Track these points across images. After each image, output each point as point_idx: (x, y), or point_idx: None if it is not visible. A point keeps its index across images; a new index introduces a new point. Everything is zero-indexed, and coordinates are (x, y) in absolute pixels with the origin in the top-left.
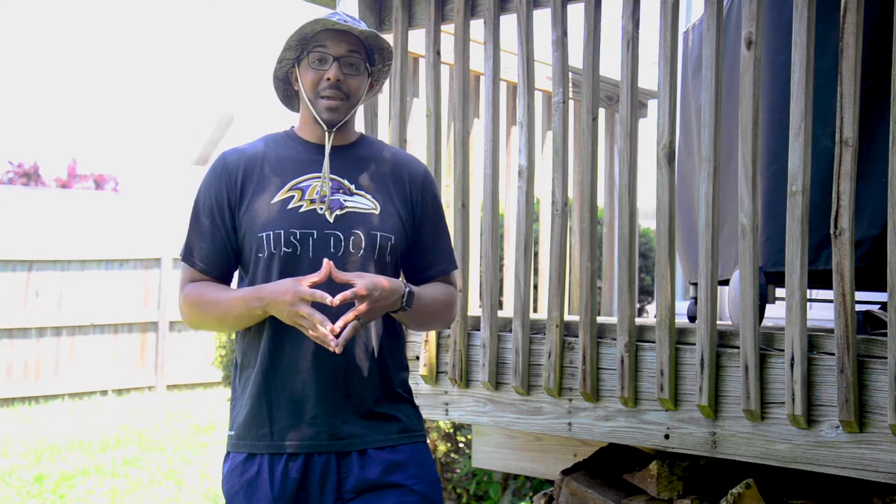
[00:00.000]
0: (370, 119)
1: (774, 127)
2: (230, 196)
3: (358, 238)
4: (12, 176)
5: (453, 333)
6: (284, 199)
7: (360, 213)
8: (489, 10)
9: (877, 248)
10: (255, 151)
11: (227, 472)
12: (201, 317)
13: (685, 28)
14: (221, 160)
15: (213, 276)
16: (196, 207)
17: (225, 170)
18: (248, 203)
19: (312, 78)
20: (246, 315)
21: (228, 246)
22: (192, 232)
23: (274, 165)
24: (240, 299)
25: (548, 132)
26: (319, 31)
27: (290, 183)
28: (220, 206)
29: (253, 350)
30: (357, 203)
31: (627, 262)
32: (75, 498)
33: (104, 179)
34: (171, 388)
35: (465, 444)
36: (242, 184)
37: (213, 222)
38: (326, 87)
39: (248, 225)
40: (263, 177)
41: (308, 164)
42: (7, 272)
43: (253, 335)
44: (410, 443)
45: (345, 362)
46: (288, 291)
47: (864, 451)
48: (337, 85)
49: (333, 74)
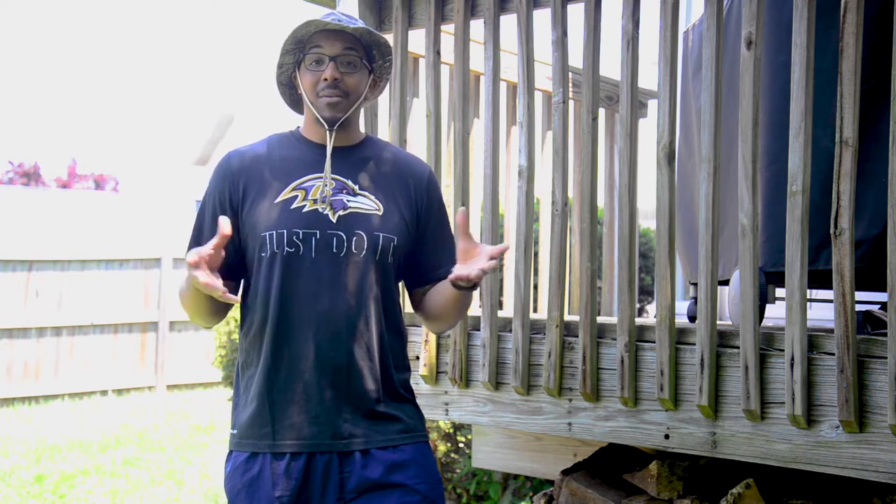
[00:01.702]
0: (370, 119)
1: (774, 127)
2: (233, 196)
3: (360, 239)
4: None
5: (453, 333)
6: (288, 199)
7: (362, 214)
8: (489, 10)
9: (877, 248)
10: (258, 151)
11: (229, 471)
12: (189, 312)
13: (685, 28)
14: (226, 160)
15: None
16: (202, 207)
17: (229, 170)
18: (251, 203)
19: (311, 79)
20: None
21: (230, 246)
22: (195, 231)
23: (277, 165)
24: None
25: (548, 132)
26: (314, 32)
27: (293, 183)
28: (222, 206)
29: (255, 350)
30: (360, 204)
31: (627, 262)
32: (75, 498)
33: (104, 179)
34: (171, 388)
35: (465, 444)
36: (246, 184)
37: (215, 221)
38: (324, 87)
39: (252, 225)
40: (267, 177)
41: (312, 164)
42: (7, 272)
43: (255, 335)
44: (412, 443)
45: (347, 362)
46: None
47: (864, 451)
48: (334, 84)
49: (330, 74)
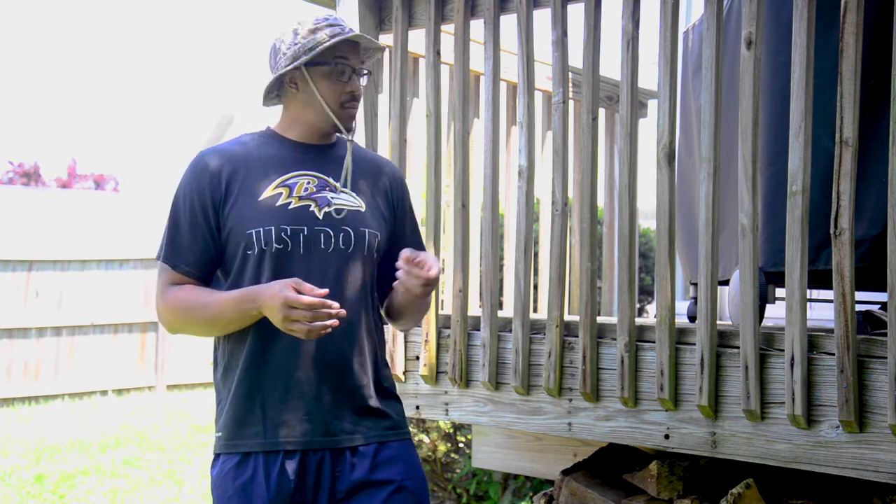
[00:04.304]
0: (370, 119)
1: (774, 127)
2: (214, 195)
3: (347, 235)
4: (12, 176)
5: (453, 333)
6: (272, 197)
7: (348, 211)
8: (489, 10)
9: (877, 248)
10: (236, 150)
11: (218, 476)
12: (187, 322)
13: (685, 28)
14: (201, 160)
15: (196, 278)
16: (176, 208)
17: (206, 169)
18: (233, 201)
19: (336, 89)
20: (239, 318)
21: (212, 246)
22: (172, 233)
23: (258, 164)
24: (232, 301)
25: (548, 132)
26: (339, 41)
27: (276, 181)
28: (202, 206)
29: (240, 348)
30: (343, 201)
31: (627, 262)
32: (75, 498)
33: (104, 179)
34: (171, 388)
35: (465, 444)
36: (228, 182)
37: (195, 222)
38: (349, 100)
39: (235, 223)
40: (248, 175)
41: (293, 162)
42: (7, 272)
43: (240, 333)
44: (398, 439)
45: (339, 357)
46: (277, 296)
47: (864, 451)
48: (357, 97)
49: (357, 87)
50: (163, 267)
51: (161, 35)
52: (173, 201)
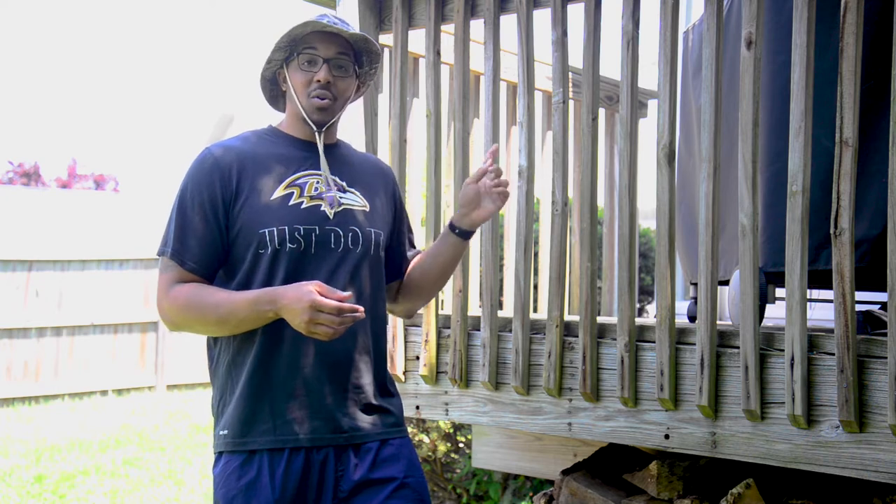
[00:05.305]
0: (370, 119)
1: (774, 127)
2: (224, 192)
3: (356, 234)
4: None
5: (453, 333)
6: (285, 196)
7: (355, 210)
8: (489, 10)
9: (877, 248)
10: (243, 147)
11: (222, 476)
12: (195, 320)
13: (685, 28)
14: (209, 155)
15: (202, 275)
16: (183, 204)
17: (216, 165)
18: (244, 199)
19: (303, 79)
20: (252, 319)
21: (220, 244)
22: (178, 229)
23: (266, 162)
24: (247, 302)
25: (548, 132)
26: (309, 32)
27: (287, 179)
28: (212, 203)
29: (248, 346)
30: (350, 200)
31: (627, 262)
32: (75, 498)
33: (104, 179)
34: (171, 388)
35: (465, 444)
36: (238, 179)
37: (205, 219)
38: (316, 88)
39: (245, 221)
40: (257, 172)
41: (301, 160)
42: (7, 272)
43: (249, 332)
44: (399, 437)
45: (347, 356)
46: (303, 299)
47: (864, 451)
48: (326, 86)
49: (323, 76)
50: (168, 263)
51: (161, 35)
52: (179, 196)
